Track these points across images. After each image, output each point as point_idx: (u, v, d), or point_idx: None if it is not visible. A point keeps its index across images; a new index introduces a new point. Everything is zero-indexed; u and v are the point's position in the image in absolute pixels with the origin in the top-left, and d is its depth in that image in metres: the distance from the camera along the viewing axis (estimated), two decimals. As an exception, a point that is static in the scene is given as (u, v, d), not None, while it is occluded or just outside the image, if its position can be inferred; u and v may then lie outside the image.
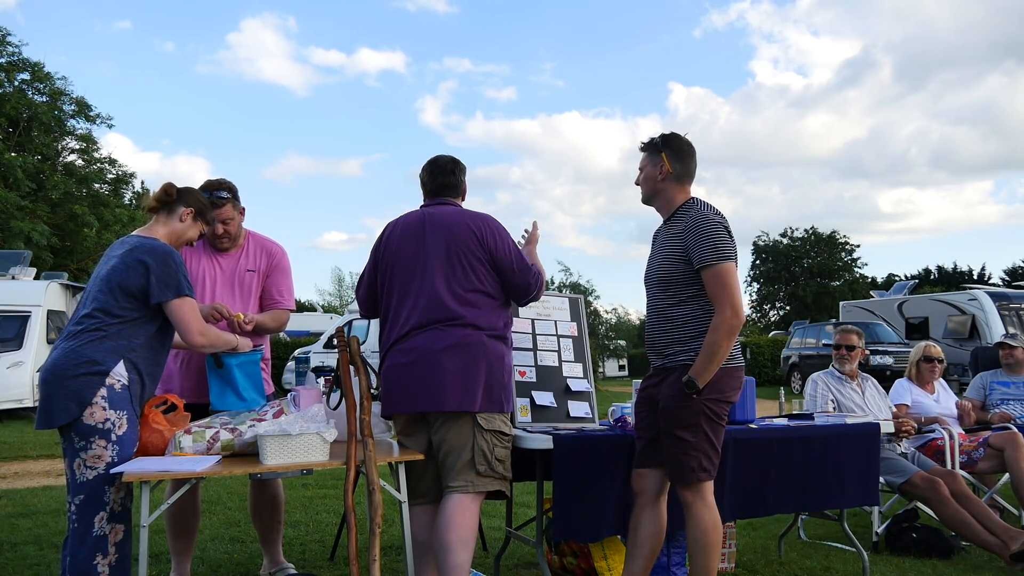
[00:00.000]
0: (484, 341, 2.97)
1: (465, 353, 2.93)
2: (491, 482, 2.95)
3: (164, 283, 2.78)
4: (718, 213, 2.95)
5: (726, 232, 2.90)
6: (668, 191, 3.04)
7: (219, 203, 3.41)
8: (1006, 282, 39.47)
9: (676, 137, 3.07)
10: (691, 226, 2.90)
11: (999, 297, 17.34)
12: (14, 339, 12.85)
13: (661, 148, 3.04)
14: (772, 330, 39.69)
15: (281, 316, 3.61)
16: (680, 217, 2.99)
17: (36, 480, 7.04)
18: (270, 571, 3.70)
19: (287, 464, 2.75)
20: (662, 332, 3.00)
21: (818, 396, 4.62)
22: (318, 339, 18.29)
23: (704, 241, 2.85)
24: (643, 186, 3.10)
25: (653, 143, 3.07)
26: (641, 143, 3.12)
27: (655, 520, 3.03)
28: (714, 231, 2.86)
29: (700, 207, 2.96)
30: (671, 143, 3.05)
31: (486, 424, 2.94)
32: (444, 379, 2.91)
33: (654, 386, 3.03)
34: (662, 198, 3.06)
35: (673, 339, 2.95)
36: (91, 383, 2.69)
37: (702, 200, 3.02)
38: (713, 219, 2.89)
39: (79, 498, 2.69)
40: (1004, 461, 4.55)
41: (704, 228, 2.87)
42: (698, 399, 2.83)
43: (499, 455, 2.97)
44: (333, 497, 5.78)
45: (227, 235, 3.49)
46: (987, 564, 4.07)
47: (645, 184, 3.09)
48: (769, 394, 12.31)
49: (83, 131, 25.42)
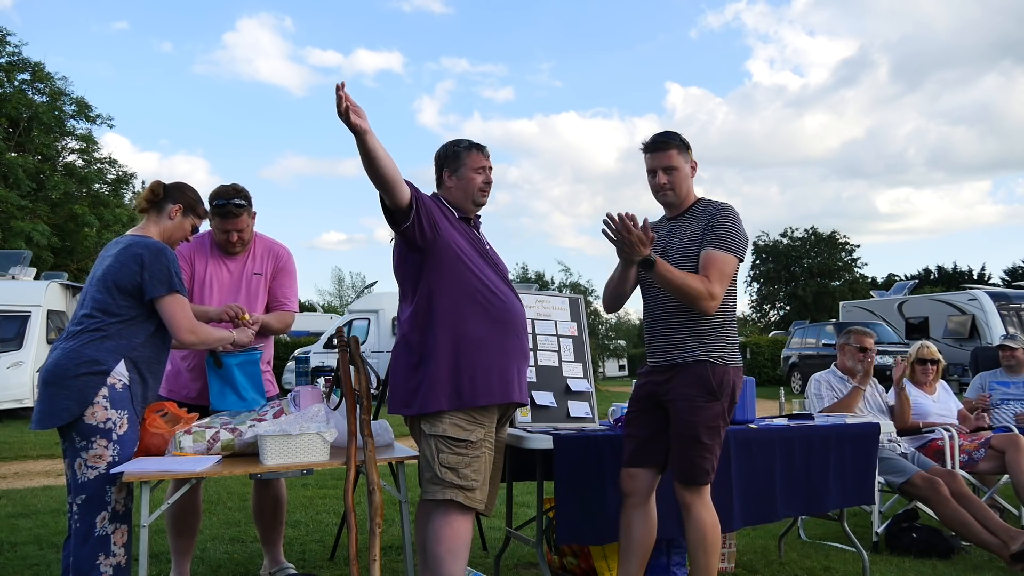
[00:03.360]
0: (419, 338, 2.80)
1: (401, 349, 2.85)
2: (441, 490, 2.72)
3: (157, 279, 2.77)
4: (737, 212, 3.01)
5: (743, 231, 2.95)
6: (691, 186, 3.06)
7: (236, 211, 3.38)
8: (1006, 282, 39.44)
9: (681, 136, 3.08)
10: (716, 214, 2.92)
11: (999, 297, 17.34)
12: (14, 339, 12.86)
13: (688, 146, 3.02)
14: (772, 330, 39.68)
15: (286, 318, 3.60)
16: (698, 212, 2.99)
17: (36, 480, 7.04)
18: (270, 571, 3.70)
19: (287, 464, 2.75)
20: (675, 325, 2.92)
21: (824, 396, 4.61)
22: (318, 339, 18.30)
23: (727, 229, 2.88)
24: (680, 185, 3.01)
25: (682, 141, 3.02)
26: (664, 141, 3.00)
27: (647, 520, 2.99)
28: (738, 227, 2.92)
29: (718, 202, 3.00)
30: (686, 141, 3.04)
31: (428, 429, 2.76)
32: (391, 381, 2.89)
33: (659, 384, 2.95)
34: (686, 193, 3.04)
35: (688, 332, 2.89)
36: (92, 383, 2.70)
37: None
38: (736, 215, 2.96)
39: (81, 498, 2.69)
40: (1005, 463, 4.54)
41: (730, 219, 2.91)
42: (718, 402, 2.84)
43: (446, 462, 2.73)
44: (333, 497, 5.78)
45: (240, 241, 3.48)
46: (987, 564, 4.07)
47: (683, 183, 3.02)
48: (769, 394, 12.31)
49: (83, 131, 25.43)
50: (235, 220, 3.39)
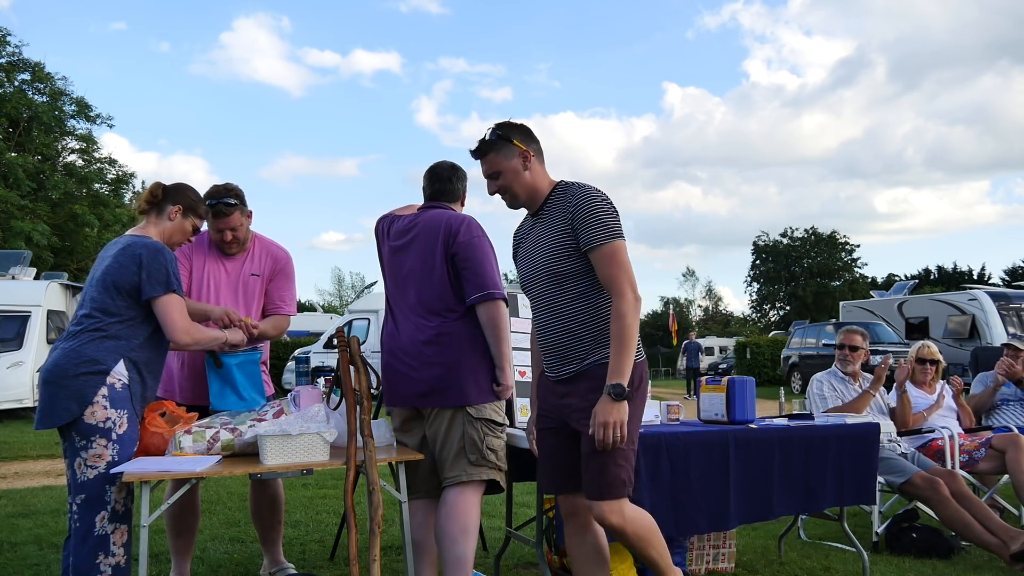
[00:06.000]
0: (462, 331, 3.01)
1: (447, 344, 2.99)
2: (484, 471, 2.97)
3: (154, 279, 2.77)
4: (599, 190, 2.65)
5: (613, 208, 2.62)
6: (537, 177, 2.69)
7: (227, 211, 3.38)
8: (1006, 282, 39.47)
9: (512, 122, 2.72)
10: (576, 205, 2.58)
11: (999, 297, 17.34)
12: (14, 339, 12.86)
13: (510, 137, 2.66)
14: (772, 330, 39.73)
15: (281, 323, 3.60)
16: (556, 202, 2.66)
17: (36, 480, 7.04)
18: (270, 571, 3.70)
19: (287, 464, 2.75)
20: (565, 334, 2.63)
21: (827, 396, 4.61)
22: (318, 339, 18.30)
23: (592, 220, 2.55)
24: (513, 185, 2.68)
25: (497, 137, 2.67)
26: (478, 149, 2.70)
27: (596, 536, 2.76)
28: (601, 208, 2.57)
29: (577, 185, 2.65)
30: (514, 128, 2.70)
31: (475, 413, 2.98)
32: (431, 372, 2.98)
33: (562, 396, 2.67)
34: (532, 189, 2.69)
35: (582, 339, 2.61)
36: (92, 382, 2.70)
37: (572, 180, 2.71)
38: (597, 196, 2.60)
39: (80, 497, 2.70)
40: (1005, 463, 4.54)
41: (591, 206, 2.57)
42: (626, 401, 2.49)
43: (491, 444, 2.98)
44: (333, 497, 5.78)
45: (236, 241, 3.48)
46: (987, 564, 4.06)
47: (515, 181, 2.67)
48: (769, 394, 12.31)
49: (83, 131, 25.46)
50: (227, 219, 3.39)
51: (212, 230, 3.46)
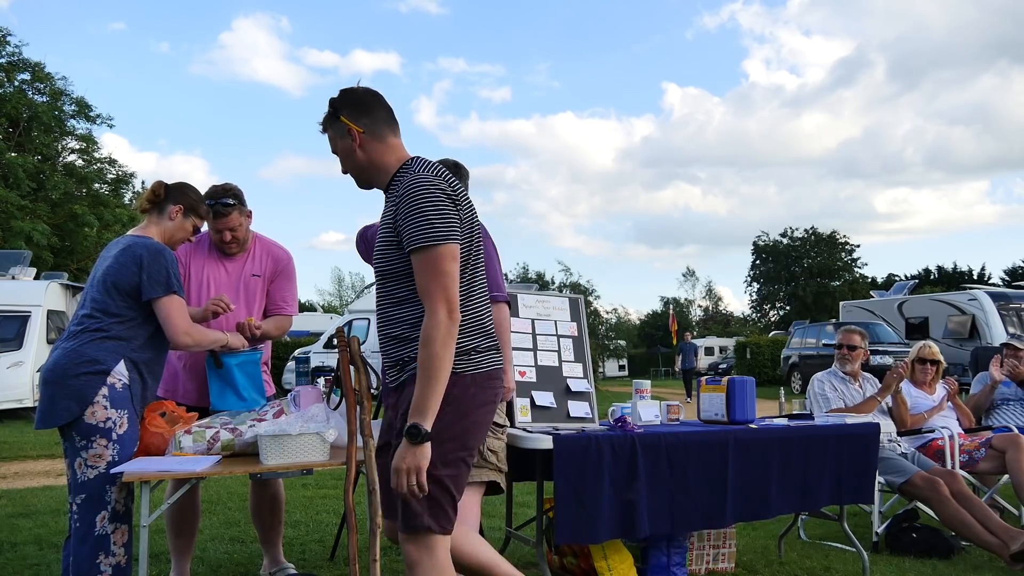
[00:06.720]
0: None
1: None
2: (484, 472, 2.95)
3: (155, 280, 2.78)
4: (439, 175, 2.22)
5: (446, 201, 2.16)
6: (373, 156, 2.30)
7: (225, 211, 3.38)
8: (1006, 282, 39.49)
9: (347, 92, 2.35)
10: (400, 197, 2.19)
11: (999, 297, 17.36)
12: (14, 339, 12.87)
13: (338, 113, 2.30)
14: (772, 330, 39.73)
15: (284, 323, 3.60)
16: (394, 187, 2.28)
17: (36, 480, 7.04)
18: (270, 571, 3.70)
19: (287, 464, 2.75)
20: (387, 339, 2.32)
21: (829, 396, 4.61)
22: (318, 339, 18.31)
23: (415, 217, 2.13)
24: (347, 167, 2.35)
25: (326, 116, 2.35)
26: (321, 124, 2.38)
27: (482, 545, 2.68)
28: (427, 204, 2.13)
29: (415, 168, 2.26)
30: (346, 101, 2.32)
31: None
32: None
33: (391, 407, 2.37)
34: (373, 169, 2.32)
35: (403, 345, 2.26)
36: (92, 382, 2.70)
37: (424, 159, 2.33)
38: (427, 187, 2.15)
39: (80, 497, 2.70)
40: (1005, 463, 4.54)
41: (415, 200, 2.14)
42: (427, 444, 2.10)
43: (491, 445, 2.93)
44: (333, 497, 5.78)
45: (235, 241, 3.48)
46: (987, 564, 4.07)
47: (347, 162, 2.34)
48: (769, 394, 12.30)
49: (83, 131, 25.47)
50: (226, 219, 3.39)
51: (211, 231, 3.46)
